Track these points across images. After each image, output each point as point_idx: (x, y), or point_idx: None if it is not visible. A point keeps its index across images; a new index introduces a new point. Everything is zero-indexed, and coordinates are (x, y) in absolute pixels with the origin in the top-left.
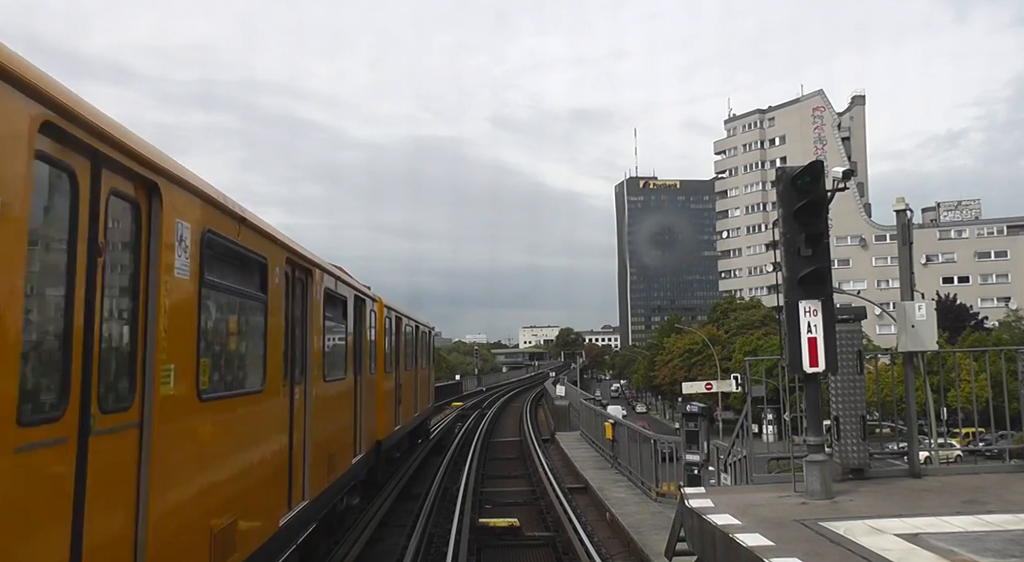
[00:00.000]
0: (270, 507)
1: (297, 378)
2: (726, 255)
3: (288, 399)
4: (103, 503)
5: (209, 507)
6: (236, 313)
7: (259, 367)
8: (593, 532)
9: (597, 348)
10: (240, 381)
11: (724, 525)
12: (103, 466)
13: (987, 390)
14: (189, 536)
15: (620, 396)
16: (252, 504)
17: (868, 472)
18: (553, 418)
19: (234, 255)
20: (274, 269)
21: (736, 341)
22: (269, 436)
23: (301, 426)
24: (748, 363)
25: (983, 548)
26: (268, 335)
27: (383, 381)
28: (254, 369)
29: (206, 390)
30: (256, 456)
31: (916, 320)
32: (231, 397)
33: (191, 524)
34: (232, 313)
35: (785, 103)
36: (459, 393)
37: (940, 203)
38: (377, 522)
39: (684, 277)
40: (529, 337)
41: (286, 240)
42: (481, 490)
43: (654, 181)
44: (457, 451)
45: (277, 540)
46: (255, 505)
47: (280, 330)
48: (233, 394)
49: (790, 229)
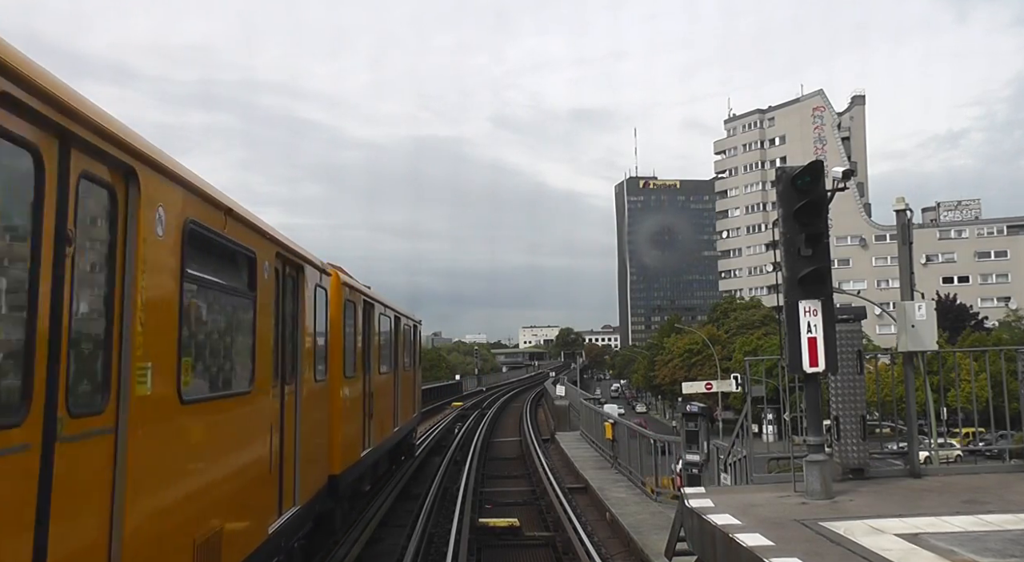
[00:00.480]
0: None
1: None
2: (726, 255)
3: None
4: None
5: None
6: (222, 309)
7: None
8: (593, 532)
9: (597, 348)
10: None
11: (724, 525)
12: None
13: (987, 390)
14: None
15: (620, 396)
16: (238, 511)
17: (868, 472)
18: (553, 418)
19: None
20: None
21: (736, 341)
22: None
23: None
24: (748, 363)
25: (983, 548)
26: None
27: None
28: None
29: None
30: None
31: (916, 320)
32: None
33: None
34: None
35: (785, 103)
36: (459, 393)
37: (940, 203)
38: (377, 522)
39: (684, 277)
40: (529, 337)
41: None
42: (481, 490)
43: (654, 181)
44: (457, 451)
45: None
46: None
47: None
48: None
49: (790, 229)
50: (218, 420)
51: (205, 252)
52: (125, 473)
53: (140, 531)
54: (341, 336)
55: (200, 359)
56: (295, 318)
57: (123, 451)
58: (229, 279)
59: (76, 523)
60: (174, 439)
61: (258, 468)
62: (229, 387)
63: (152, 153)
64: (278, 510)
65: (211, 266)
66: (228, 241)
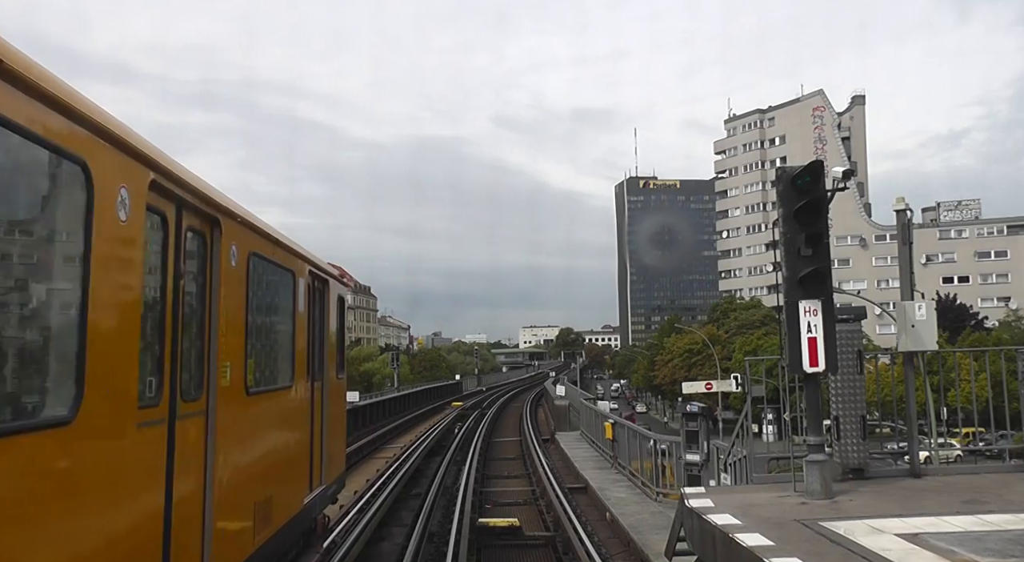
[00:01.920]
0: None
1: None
2: (726, 255)
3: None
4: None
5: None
6: (272, 319)
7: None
8: (593, 532)
9: (597, 348)
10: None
11: (724, 525)
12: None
13: (987, 390)
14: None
15: (620, 396)
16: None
17: (868, 472)
18: (553, 418)
19: (271, 271)
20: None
21: (736, 341)
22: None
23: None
24: (748, 363)
25: (983, 548)
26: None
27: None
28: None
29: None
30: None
31: (916, 320)
32: (269, 391)
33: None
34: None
35: (785, 103)
36: (459, 393)
37: (940, 203)
38: (378, 521)
39: (684, 277)
40: (529, 337)
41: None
42: (481, 490)
43: (654, 181)
44: (457, 451)
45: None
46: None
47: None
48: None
49: (790, 229)
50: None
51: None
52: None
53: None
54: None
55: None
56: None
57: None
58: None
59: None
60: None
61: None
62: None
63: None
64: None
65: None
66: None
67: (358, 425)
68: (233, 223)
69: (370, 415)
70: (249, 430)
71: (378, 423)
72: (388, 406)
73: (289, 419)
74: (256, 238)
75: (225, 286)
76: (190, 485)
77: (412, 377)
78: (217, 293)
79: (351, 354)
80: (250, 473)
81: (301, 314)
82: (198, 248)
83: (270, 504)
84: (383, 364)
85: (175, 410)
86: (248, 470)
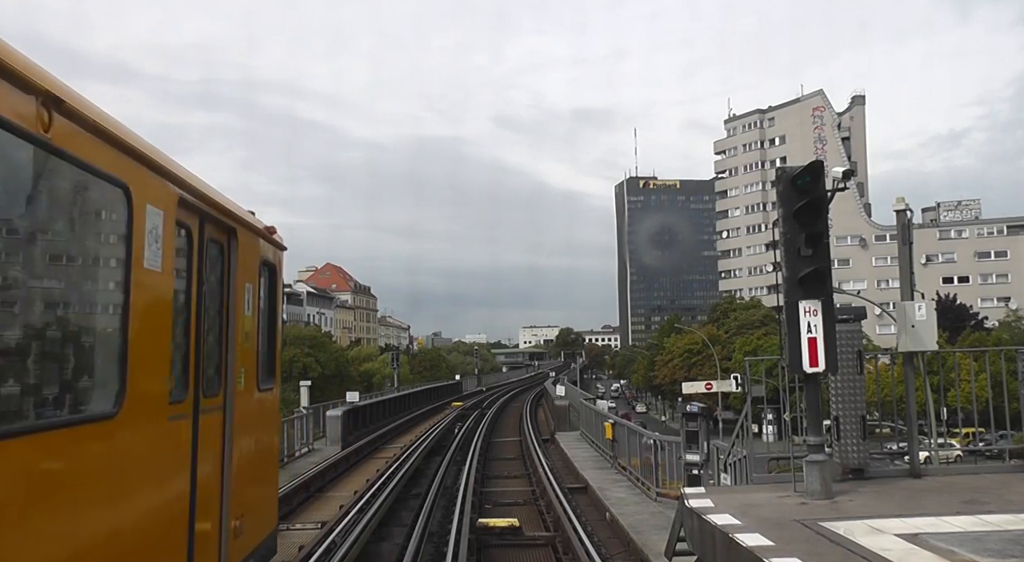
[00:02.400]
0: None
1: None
2: (726, 255)
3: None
4: (205, 456)
5: (262, 460)
6: (272, 322)
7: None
8: (593, 532)
9: (597, 348)
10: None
11: (724, 525)
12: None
13: (987, 390)
14: (250, 478)
15: (620, 396)
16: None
17: (868, 472)
18: (553, 418)
19: (277, 278)
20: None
21: (736, 341)
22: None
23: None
24: (748, 363)
25: (983, 548)
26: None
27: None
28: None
29: (261, 384)
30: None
31: (916, 320)
32: (269, 390)
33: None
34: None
35: (785, 103)
36: (459, 393)
37: (940, 203)
38: (377, 521)
39: (684, 277)
40: (529, 337)
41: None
42: (481, 490)
43: (654, 181)
44: (457, 451)
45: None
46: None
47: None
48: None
49: (790, 229)
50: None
51: (267, 279)
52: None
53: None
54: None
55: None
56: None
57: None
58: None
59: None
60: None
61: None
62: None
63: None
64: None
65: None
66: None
67: (358, 425)
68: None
69: (370, 415)
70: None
71: (378, 423)
72: (388, 406)
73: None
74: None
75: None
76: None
77: (412, 377)
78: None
79: (351, 354)
80: (258, 454)
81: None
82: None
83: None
84: (383, 364)
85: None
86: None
